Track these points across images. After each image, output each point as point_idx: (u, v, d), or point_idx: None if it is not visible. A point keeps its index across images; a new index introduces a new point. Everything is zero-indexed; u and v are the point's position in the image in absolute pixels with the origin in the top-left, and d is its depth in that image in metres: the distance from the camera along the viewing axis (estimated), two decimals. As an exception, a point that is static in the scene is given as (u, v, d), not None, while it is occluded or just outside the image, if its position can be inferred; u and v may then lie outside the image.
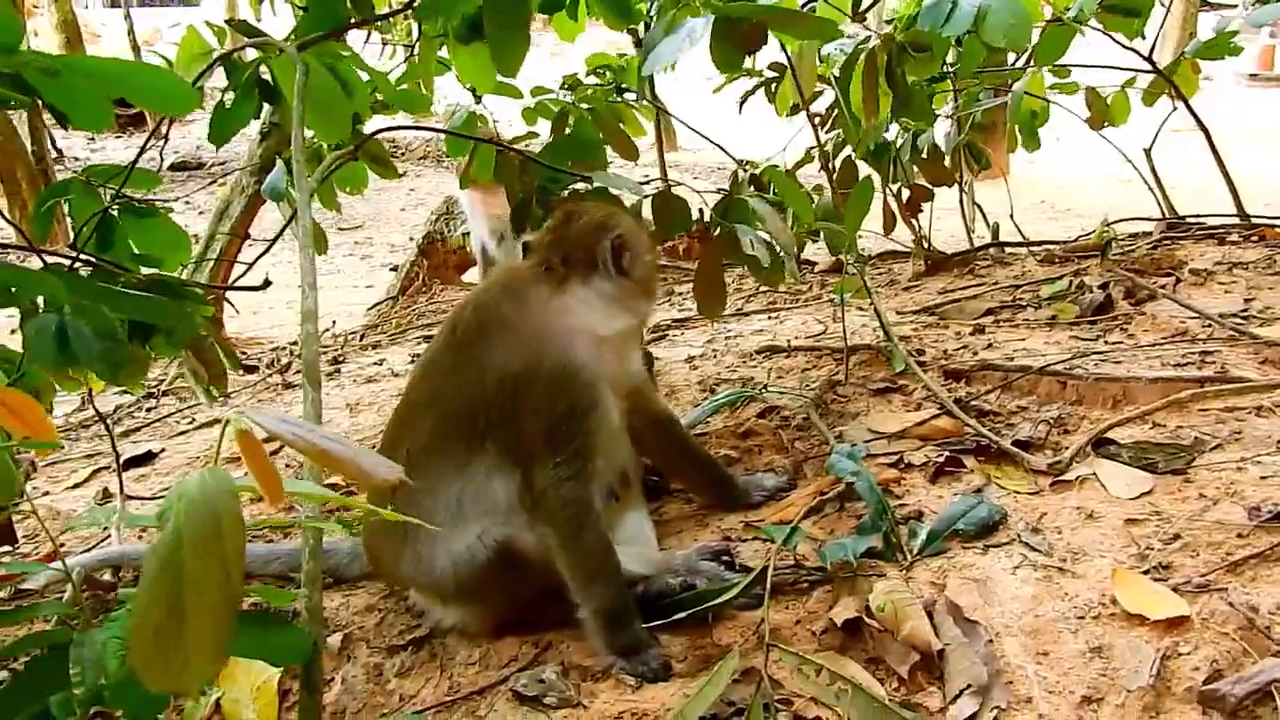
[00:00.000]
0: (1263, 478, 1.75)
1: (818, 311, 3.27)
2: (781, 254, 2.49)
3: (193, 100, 1.41)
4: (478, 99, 2.73)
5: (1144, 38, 3.48)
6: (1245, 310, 2.44)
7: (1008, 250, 3.76)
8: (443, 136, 2.88)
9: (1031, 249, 3.63)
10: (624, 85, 3.23)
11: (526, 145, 2.63)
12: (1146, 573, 1.57)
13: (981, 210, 4.30)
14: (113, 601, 2.09)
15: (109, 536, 2.32)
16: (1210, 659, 1.38)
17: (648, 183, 2.61)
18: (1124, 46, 3.47)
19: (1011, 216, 3.90)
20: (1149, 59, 3.49)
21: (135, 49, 12.43)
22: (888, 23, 4.00)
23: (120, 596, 1.24)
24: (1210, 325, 2.35)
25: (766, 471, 2.13)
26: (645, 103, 3.10)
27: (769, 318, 3.22)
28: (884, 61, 2.65)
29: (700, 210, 2.33)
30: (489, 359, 1.76)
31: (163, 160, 2.77)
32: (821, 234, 2.91)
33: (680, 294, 3.89)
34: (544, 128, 2.90)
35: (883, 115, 2.85)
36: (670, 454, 2.06)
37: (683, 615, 1.64)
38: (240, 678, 1.73)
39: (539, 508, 1.68)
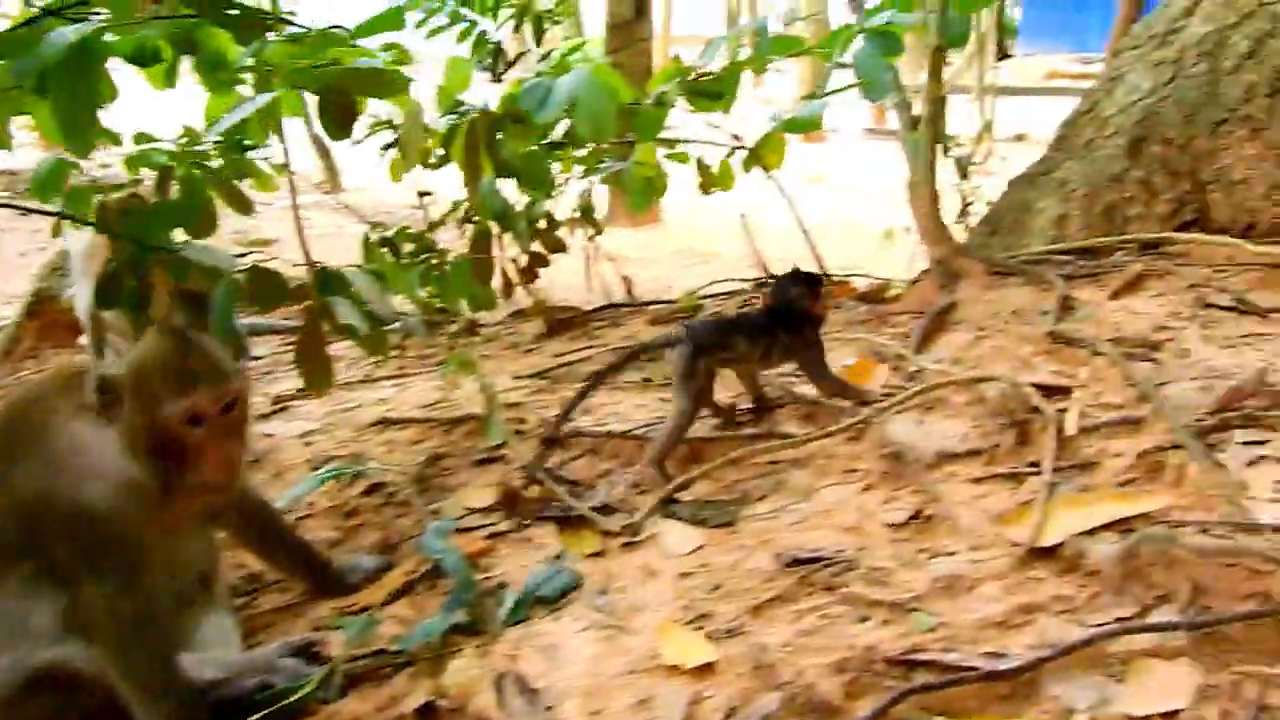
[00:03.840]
0: (792, 524, 2.01)
1: (446, 375, 3.34)
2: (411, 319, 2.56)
3: None
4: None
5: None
6: (796, 370, 2.77)
7: (628, 310, 4.02)
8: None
9: (643, 308, 3.91)
10: (247, 140, 3.16)
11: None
12: (690, 623, 1.77)
13: (614, 264, 4.59)
14: None
15: None
16: (730, 699, 1.57)
17: (245, 255, 2.60)
18: (714, 126, 3.86)
19: (624, 279, 4.19)
20: (736, 137, 3.88)
21: None
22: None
23: None
24: (768, 385, 2.65)
25: (368, 553, 2.18)
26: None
27: (394, 384, 3.26)
28: (483, 133, 2.81)
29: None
30: (8, 481, 1.67)
31: None
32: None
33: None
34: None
35: (488, 181, 3.01)
36: (265, 545, 2.05)
37: (258, 717, 1.65)
38: None
39: (88, 628, 1.63)
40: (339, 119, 2.40)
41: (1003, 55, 21.81)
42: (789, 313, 2.40)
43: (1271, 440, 1.94)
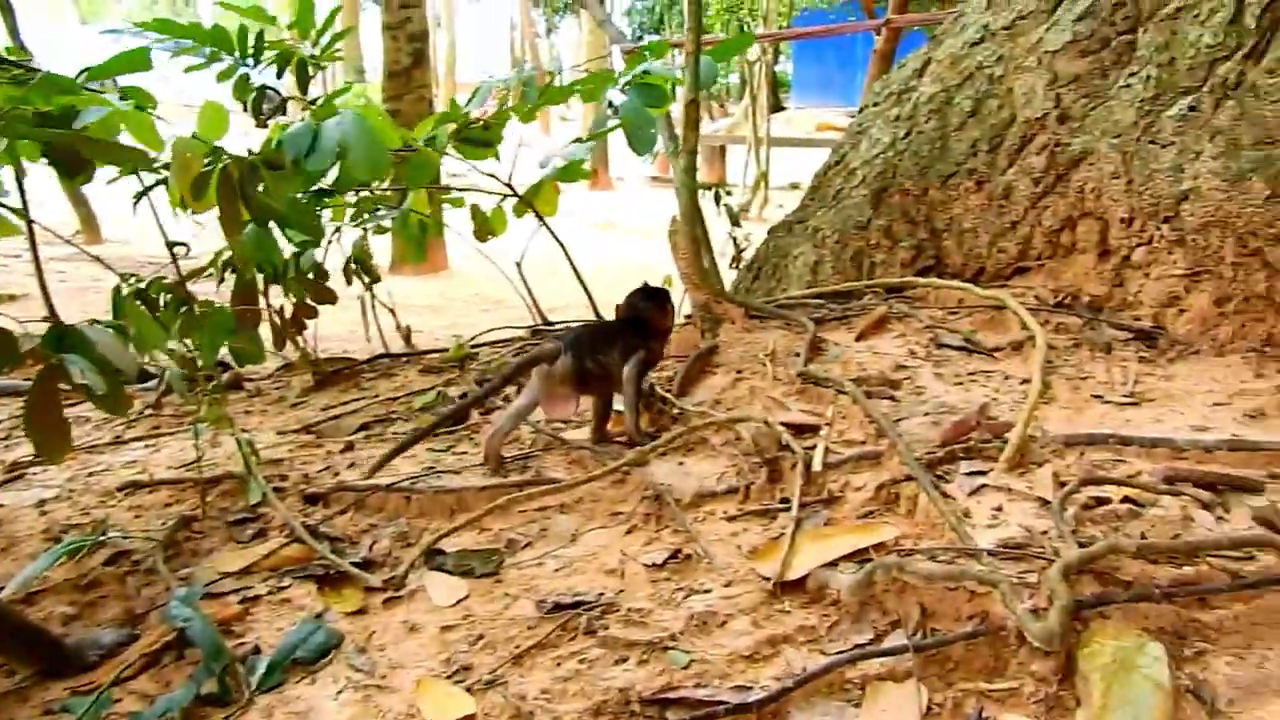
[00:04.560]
0: (556, 570, 2.03)
1: (204, 433, 3.19)
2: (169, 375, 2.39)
3: None
4: None
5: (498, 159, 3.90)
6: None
7: (403, 359, 3.96)
8: None
9: (418, 357, 3.87)
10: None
11: None
12: (451, 676, 1.74)
13: (394, 314, 4.50)
14: None
15: None
16: (486, 751, 1.56)
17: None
18: (484, 174, 3.89)
19: (398, 327, 4.14)
20: (509, 184, 3.91)
21: None
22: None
23: None
24: (536, 432, 2.67)
25: (110, 627, 2.04)
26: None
27: (147, 445, 3.08)
28: (241, 179, 2.72)
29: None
30: None
31: None
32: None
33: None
34: None
35: (252, 229, 2.91)
36: None
37: (-30, 814, 1.52)
38: None
39: None
40: (68, 167, 2.29)
41: (777, 108, 23.01)
42: (639, 323, 2.64)
43: (991, 470, 2.11)
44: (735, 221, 5.73)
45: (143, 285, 3.27)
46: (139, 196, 3.44)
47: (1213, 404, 2.42)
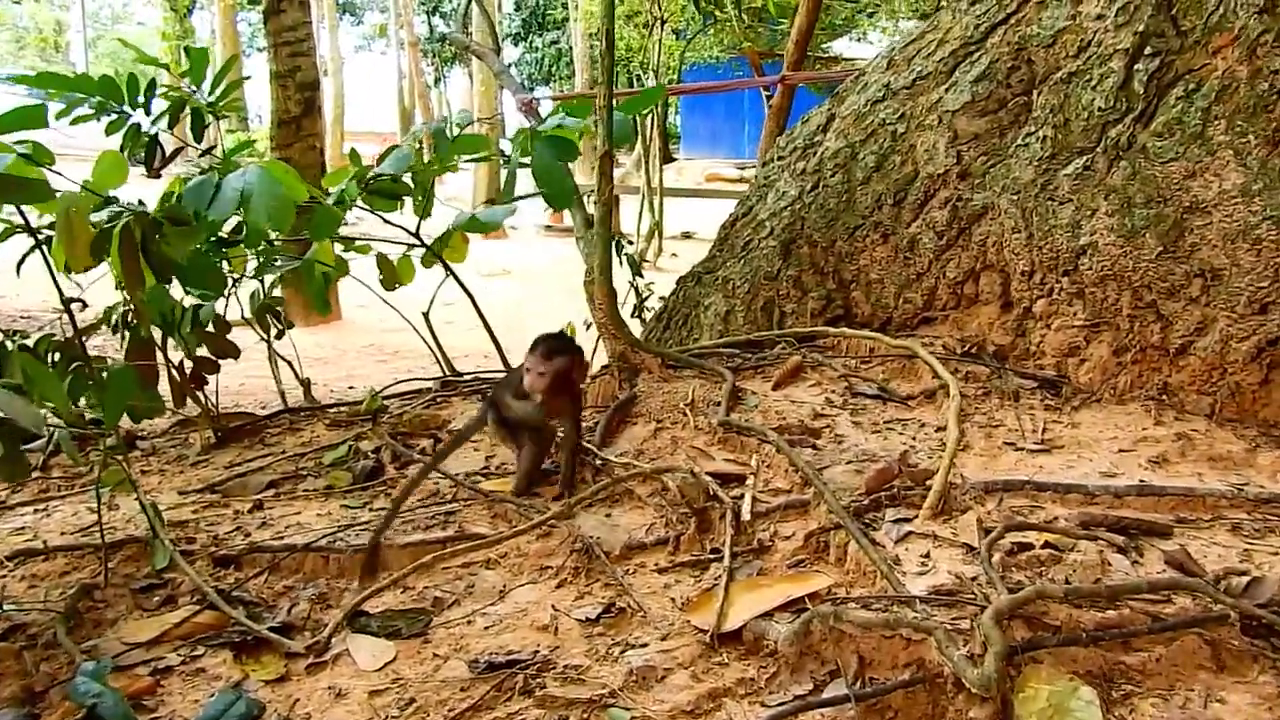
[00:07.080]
0: (486, 628, 1.99)
1: (101, 495, 3.03)
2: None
3: None
4: None
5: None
6: (485, 468, 2.77)
7: (304, 414, 3.84)
8: None
9: (322, 411, 3.76)
10: None
11: None
12: (383, 744, 1.68)
13: (294, 367, 4.38)
14: None
15: None
16: (426, 823, 1.50)
17: None
18: (390, 224, 3.85)
19: (299, 379, 4.03)
20: (416, 234, 3.87)
21: None
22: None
23: None
24: (455, 486, 2.62)
25: (4, 709, 1.91)
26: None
27: (37, 510, 2.92)
28: (142, 235, 2.63)
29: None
30: None
31: None
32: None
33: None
34: None
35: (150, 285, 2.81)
36: None
37: None
38: None
39: None
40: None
41: (667, 159, 23.40)
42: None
43: (915, 517, 2.15)
44: (637, 271, 5.77)
45: (28, 341, 3.12)
46: (23, 259, 3.28)
47: (1118, 450, 2.52)
